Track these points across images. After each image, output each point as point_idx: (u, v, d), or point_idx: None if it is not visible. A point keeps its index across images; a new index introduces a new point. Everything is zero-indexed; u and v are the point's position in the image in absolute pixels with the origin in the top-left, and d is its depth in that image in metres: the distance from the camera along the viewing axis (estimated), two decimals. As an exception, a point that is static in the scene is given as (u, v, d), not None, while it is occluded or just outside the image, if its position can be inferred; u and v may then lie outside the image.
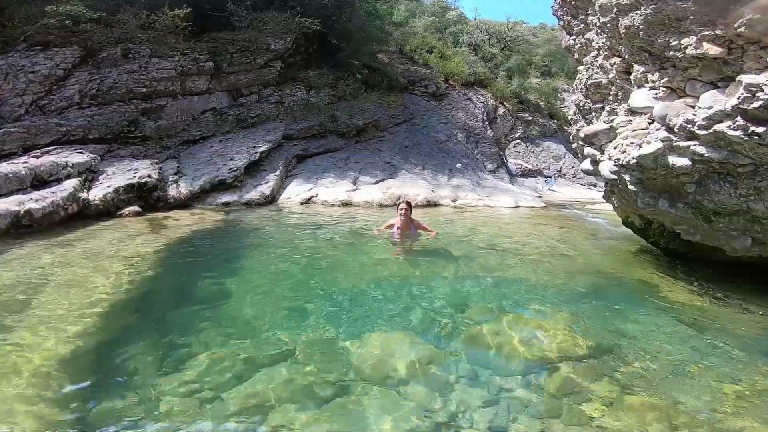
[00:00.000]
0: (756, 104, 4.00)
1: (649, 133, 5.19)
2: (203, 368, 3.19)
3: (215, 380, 3.04)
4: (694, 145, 4.62)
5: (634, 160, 5.18)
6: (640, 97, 5.36)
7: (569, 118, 8.74)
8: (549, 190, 18.37)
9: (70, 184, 7.77)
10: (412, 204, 7.47)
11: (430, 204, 12.62)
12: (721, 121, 4.32)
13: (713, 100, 4.40)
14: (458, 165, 16.10)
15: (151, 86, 11.80)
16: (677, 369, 3.64)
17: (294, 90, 15.41)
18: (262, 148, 12.32)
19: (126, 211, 8.39)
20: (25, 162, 7.83)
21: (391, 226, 7.26)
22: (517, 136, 21.47)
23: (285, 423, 2.64)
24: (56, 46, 10.80)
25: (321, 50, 17.03)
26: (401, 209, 6.96)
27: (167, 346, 3.50)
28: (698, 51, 4.41)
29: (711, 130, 4.40)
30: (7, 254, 5.58)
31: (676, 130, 4.73)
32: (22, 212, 6.59)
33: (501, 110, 21.55)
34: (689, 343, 4.15)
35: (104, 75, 11.15)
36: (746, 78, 4.06)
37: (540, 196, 15.94)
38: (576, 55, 7.40)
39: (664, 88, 5.07)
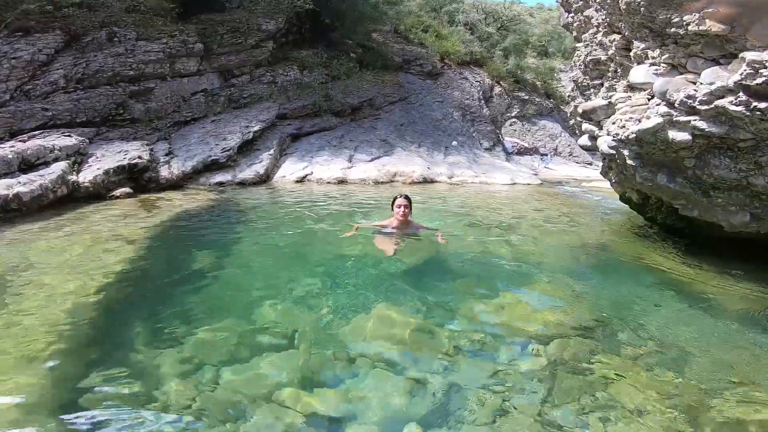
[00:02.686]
0: (759, 80, 3.97)
1: (648, 108, 5.12)
2: (200, 347, 3.14)
3: (212, 359, 2.99)
4: (695, 119, 4.57)
5: (633, 135, 5.13)
6: (640, 73, 5.29)
7: (567, 95, 8.68)
8: (545, 167, 18.33)
9: (58, 167, 7.64)
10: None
11: (426, 181, 12.65)
12: (723, 97, 4.28)
13: (715, 76, 4.35)
14: (454, 143, 16.02)
15: (139, 69, 11.59)
16: (677, 345, 3.62)
17: (287, 70, 15.19)
18: (256, 128, 12.20)
19: (117, 192, 8.28)
20: (12, 146, 7.67)
21: (382, 227, 5.77)
22: (513, 114, 21.30)
23: (281, 401, 2.61)
24: (37, 31, 10.54)
25: (314, 30, 16.75)
26: (398, 206, 5.43)
27: (163, 326, 3.44)
28: (700, 28, 4.34)
29: (712, 105, 4.36)
30: (-3, 238, 5.49)
31: (676, 105, 4.68)
32: (10, 196, 6.48)
33: (497, 89, 21.34)
34: (688, 319, 4.14)
35: (89, 59, 10.92)
36: (749, 55, 4.02)
37: (536, 174, 15.94)
38: (574, 33, 7.33)
39: (664, 65, 5.02)
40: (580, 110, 6.54)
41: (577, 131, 7.25)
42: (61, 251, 5.07)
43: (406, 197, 5.55)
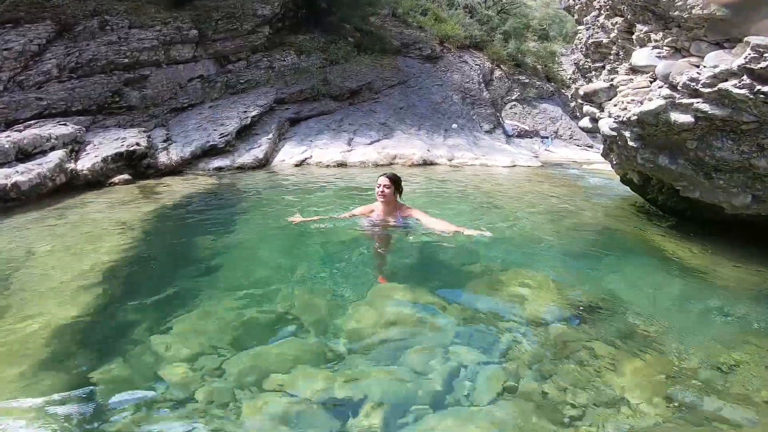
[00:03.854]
0: (763, 64, 3.98)
1: (651, 90, 5.11)
2: (202, 332, 3.15)
3: (214, 344, 3.01)
4: (698, 102, 4.56)
5: (635, 117, 5.11)
6: (642, 56, 5.28)
7: (568, 78, 8.62)
8: (545, 150, 18.21)
9: (55, 156, 7.60)
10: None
11: (426, 163, 12.65)
12: (726, 80, 4.28)
13: (719, 60, 4.35)
14: (454, 126, 15.91)
15: (133, 57, 11.46)
16: (676, 327, 3.63)
17: (284, 55, 15.00)
18: (254, 113, 12.12)
19: (116, 179, 8.28)
20: (7, 136, 7.63)
21: (368, 213, 5.02)
22: (513, 98, 21.07)
23: (284, 385, 2.62)
24: (27, 22, 10.41)
25: (310, 14, 16.49)
26: (378, 185, 4.66)
27: (165, 311, 3.45)
28: (705, 12, 4.34)
29: (716, 88, 4.35)
30: (-2, 228, 5.47)
31: (679, 87, 4.67)
32: (8, 185, 6.47)
33: (497, 73, 21.08)
34: (688, 302, 4.16)
35: (82, 48, 10.79)
36: (754, 39, 4.02)
37: (537, 156, 15.86)
38: (576, 16, 7.28)
39: (667, 48, 5.00)
40: (581, 92, 6.50)
41: (578, 114, 7.22)
42: (62, 239, 5.08)
43: (390, 176, 4.70)
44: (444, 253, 4.80)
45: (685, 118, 4.70)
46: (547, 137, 19.64)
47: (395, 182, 4.68)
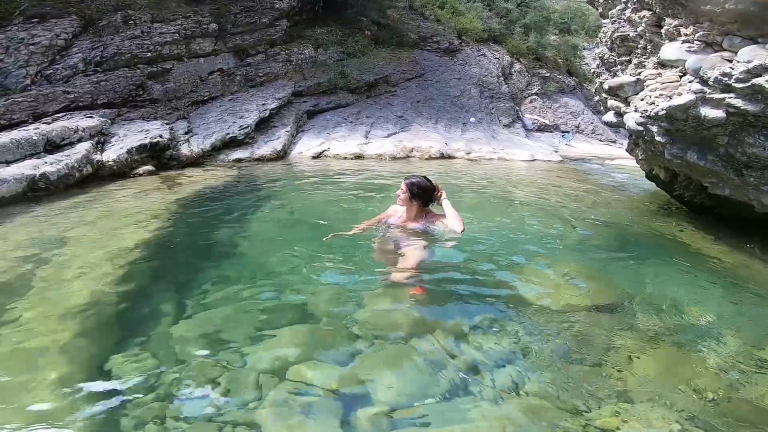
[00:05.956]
0: None
1: (680, 85, 5.03)
2: (222, 320, 3.20)
3: (233, 333, 3.05)
4: (730, 97, 4.47)
5: (664, 111, 5.04)
6: (672, 50, 5.20)
7: (592, 71, 8.48)
8: (566, 145, 18.01)
9: (83, 147, 7.75)
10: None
11: (444, 156, 12.65)
12: (760, 75, 4.19)
13: (753, 54, 4.27)
14: (472, 119, 15.83)
15: (156, 50, 11.66)
16: (702, 324, 3.57)
17: (301, 48, 15.09)
18: (272, 106, 12.25)
19: (140, 170, 8.44)
20: (36, 128, 7.79)
21: (387, 218, 4.78)
22: (533, 92, 20.81)
23: (300, 377, 2.63)
24: (53, 17, 10.62)
25: (327, 8, 16.54)
26: (401, 191, 4.39)
27: (187, 300, 3.50)
28: (739, 6, 4.25)
29: (749, 84, 4.27)
30: (26, 216, 5.60)
31: (710, 82, 4.59)
32: (37, 176, 6.62)
33: (517, 66, 20.84)
34: (715, 299, 4.09)
35: (106, 42, 11.00)
36: None
37: (557, 151, 15.71)
38: (600, 9, 7.20)
39: (698, 42, 4.91)
40: (606, 86, 6.43)
41: (602, 108, 7.14)
42: (88, 227, 5.18)
43: (409, 184, 4.33)
44: (461, 251, 4.76)
45: (716, 114, 4.63)
46: (567, 132, 19.40)
47: (412, 192, 4.33)
